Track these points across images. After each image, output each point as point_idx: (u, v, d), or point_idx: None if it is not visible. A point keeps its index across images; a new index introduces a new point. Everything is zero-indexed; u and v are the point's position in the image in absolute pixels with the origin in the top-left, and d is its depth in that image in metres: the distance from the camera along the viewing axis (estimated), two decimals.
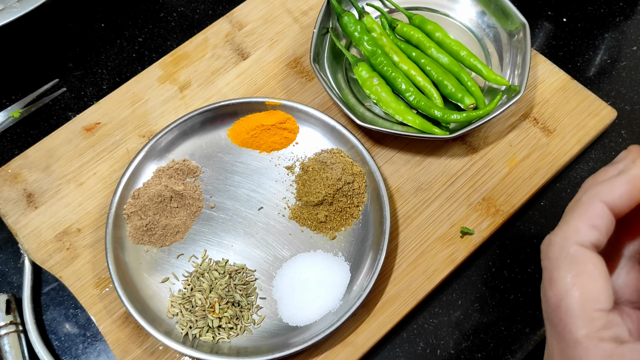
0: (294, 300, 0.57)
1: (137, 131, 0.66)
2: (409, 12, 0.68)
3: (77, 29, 0.75)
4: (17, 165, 0.64)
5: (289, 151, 0.64)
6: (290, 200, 0.62)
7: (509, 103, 0.60)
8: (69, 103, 0.70)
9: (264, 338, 0.56)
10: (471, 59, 0.64)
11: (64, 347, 0.59)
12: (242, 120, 0.64)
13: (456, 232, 0.60)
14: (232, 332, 0.56)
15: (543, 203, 0.62)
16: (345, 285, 0.57)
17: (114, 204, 0.60)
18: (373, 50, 0.64)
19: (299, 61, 0.69)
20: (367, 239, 0.59)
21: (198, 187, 0.62)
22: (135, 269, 0.59)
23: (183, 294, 0.58)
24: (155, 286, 0.58)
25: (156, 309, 0.57)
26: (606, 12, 0.73)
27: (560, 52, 0.71)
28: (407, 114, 0.62)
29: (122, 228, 0.60)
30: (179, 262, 0.60)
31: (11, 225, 0.62)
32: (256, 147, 0.64)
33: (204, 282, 0.58)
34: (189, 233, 0.61)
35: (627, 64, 0.70)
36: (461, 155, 0.63)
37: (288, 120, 0.64)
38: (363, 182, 0.61)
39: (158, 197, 0.60)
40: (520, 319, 0.57)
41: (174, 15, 0.75)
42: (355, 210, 0.60)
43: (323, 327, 0.54)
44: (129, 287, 0.57)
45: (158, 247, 0.60)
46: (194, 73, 0.69)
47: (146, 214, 0.60)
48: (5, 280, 0.62)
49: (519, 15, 0.64)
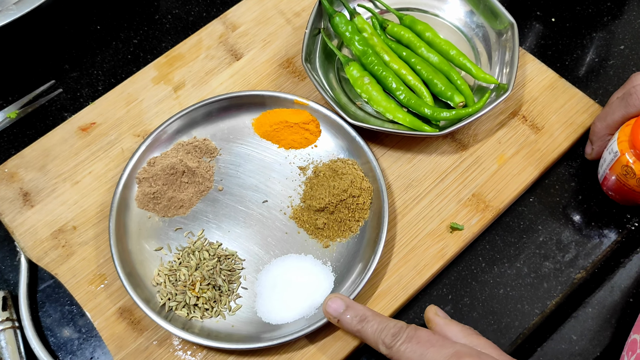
0: (272, 297, 0.58)
1: (132, 131, 0.67)
2: (400, 12, 0.69)
3: (73, 31, 0.76)
4: (14, 164, 0.65)
5: (306, 152, 0.65)
6: (295, 200, 0.62)
7: (497, 101, 0.61)
8: (65, 104, 0.71)
9: (236, 326, 0.57)
10: (460, 58, 0.65)
11: (60, 343, 0.59)
12: (269, 113, 0.65)
13: (446, 228, 0.61)
14: (206, 314, 0.57)
15: (532, 199, 0.63)
16: (324, 296, 0.57)
17: (129, 167, 0.62)
18: (364, 50, 0.65)
19: (292, 61, 0.70)
20: (358, 255, 0.59)
21: (212, 167, 0.64)
22: (134, 232, 0.61)
23: (171, 266, 0.59)
24: (148, 253, 0.60)
25: (142, 275, 0.59)
26: (594, 12, 0.74)
27: (549, 51, 0.72)
28: (397, 112, 0.63)
29: (131, 190, 0.62)
30: (175, 235, 0.61)
31: (7, 224, 0.63)
32: (276, 142, 0.65)
33: (193, 259, 0.59)
34: (192, 210, 0.62)
35: (614, 62, 0.71)
36: (451, 152, 0.64)
37: (312, 122, 0.65)
38: (369, 198, 0.61)
39: (171, 170, 0.62)
40: (510, 313, 0.58)
41: (169, 17, 0.76)
42: (354, 224, 0.61)
43: (294, 330, 0.55)
44: (123, 248, 0.59)
45: (160, 216, 0.62)
46: (188, 73, 0.70)
47: (156, 183, 0.62)
48: (2, 277, 0.62)
49: (507, 15, 0.65)
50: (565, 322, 0.58)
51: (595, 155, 0.62)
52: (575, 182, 0.64)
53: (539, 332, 0.58)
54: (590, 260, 0.60)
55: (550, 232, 0.62)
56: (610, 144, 0.58)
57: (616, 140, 0.57)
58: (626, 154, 0.55)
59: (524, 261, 0.60)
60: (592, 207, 0.63)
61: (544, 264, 0.60)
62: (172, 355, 0.56)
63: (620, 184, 0.58)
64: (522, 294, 0.59)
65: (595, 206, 0.63)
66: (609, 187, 0.61)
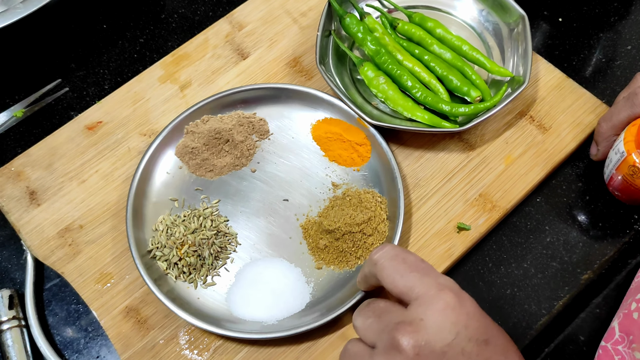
0: (245, 290, 0.58)
1: (139, 130, 0.67)
2: (408, 10, 0.69)
3: (79, 30, 0.76)
4: (20, 163, 0.65)
5: (346, 171, 0.63)
6: (313, 211, 0.62)
7: (515, 93, 0.61)
8: (72, 102, 0.71)
9: (200, 301, 0.58)
10: (474, 53, 0.65)
11: (66, 341, 0.59)
12: (330, 120, 0.65)
13: (453, 228, 0.60)
14: (181, 277, 0.59)
15: (539, 199, 0.63)
16: (290, 313, 0.57)
17: (177, 120, 0.64)
18: (377, 50, 0.65)
19: (298, 60, 0.70)
20: (340, 290, 0.58)
21: (255, 148, 0.64)
22: (159, 175, 0.63)
23: (174, 220, 0.60)
24: (163, 199, 0.62)
25: (147, 216, 0.61)
26: (601, 12, 0.74)
27: (556, 51, 0.72)
28: (416, 110, 0.63)
29: (172, 143, 0.64)
30: (193, 194, 0.63)
31: (14, 222, 0.63)
32: (324, 149, 0.64)
33: (194, 223, 0.60)
34: (219, 178, 0.63)
35: (621, 62, 0.71)
36: (458, 152, 0.64)
37: (364, 146, 0.63)
38: (379, 242, 0.59)
39: (216, 134, 0.63)
40: (517, 313, 0.58)
41: (175, 17, 0.76)
42: (353, 260, 0.59)
43: (248, 329, 0.55)
44: (141, 186, 0.61)
45: (190, 171, 0.63)
46: (195, 72, 0.70)
47: (198, 141, 0.63)
48: (8, 276, 0.62)
49: (517, 8, 0.66)
50: (572, 323, 0.58)
51: (601, 156, 0.62)
52: (582, 182, 0.64)
53: (546, 333, 0.57)
54: (598, 261, 0.60)
55: (557, 232, 0.61)
56: (616, 144, 0.58)
57: (622, 141, 0.57)
58: (633, 154, 0.55)
59: (531, 261, 0.60)
60: (599, 207, 0.63)
61: (551, 264, 0.60)
62: (179, 354, 0.56)
63: (627, 184, 0.58)
64: (529, 294, 0.59)
65: (603, 207, 0.63)
66: (615, 188, 0.61)
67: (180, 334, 0.57)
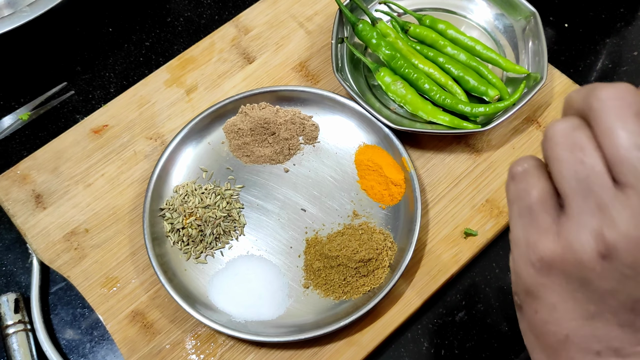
0: (228, 278, 0.58)
1: (145, 133, 0.67)
2: (418, 13, 0.69)
3: (85, 33, 0.76)
4: (26, 166, 0.65)
5: (371, 205, 0.62)
6: (324, 231, 0.61)
7: (534, 91, 0.62)
8: (77, 106, 0.71)
9: (186, 273, 0.59)
10: (487, 52, 0.65)
11: (72, 345, 0.59)
12: (376, 148, 0.64)
13: (460, 233, 0.60)
14: (179, 244, 0.60)
15: None
16: (260, 318, 0.57)
17: (239, 96, 0.65)
18: (392, 55, 0.65)
19: (305, 65, 0.70)
20: (313, 316, 0.57)
21: (297, 149, 0.64)
22: (196, 143, 0.64)
23: (195, 189, 0.62)
24: (192, 168, 0.64)
25: (170, 179, 0.63)
26: (607, 17, 0.74)
27: (562, 56, 0.72)
28: (437, 113, 0.63)
29: (224, 118, 0.65)
30: (223, 172, 0.64)
31: (20, 226, 0.62)
32: (360, 175, 0.63)
33: (210, 199, 0.61)
34: (252, 166, 0.64)
35: (627, 68, 0.71)
36: (465, 157, 0.64)
37: (399, 187, 0.61)
38: (370, 286, 0.57)
39: (264, 124, 0.64)
40: None
41: (181, 20, 0.76)
42: (339, 293, 0.57)
43: (216, 319, 0.55)
44: (176, 151, 0.63)
45: (229, 149, 0.65)
46: (201, 76, 0.70)
47: (247, 124, 0.64)
48: (14, 279, 0.62)
49: (528, 5, 0.66)
50: None
51: None
52: None
53: None
54: None
55: None
56: None
57: None
58: None
59: None
60: None
61: None
62: (185, 359, 0.56)
63: None
64: None
65: None
66: None
67: (187, 339, 0.57)
